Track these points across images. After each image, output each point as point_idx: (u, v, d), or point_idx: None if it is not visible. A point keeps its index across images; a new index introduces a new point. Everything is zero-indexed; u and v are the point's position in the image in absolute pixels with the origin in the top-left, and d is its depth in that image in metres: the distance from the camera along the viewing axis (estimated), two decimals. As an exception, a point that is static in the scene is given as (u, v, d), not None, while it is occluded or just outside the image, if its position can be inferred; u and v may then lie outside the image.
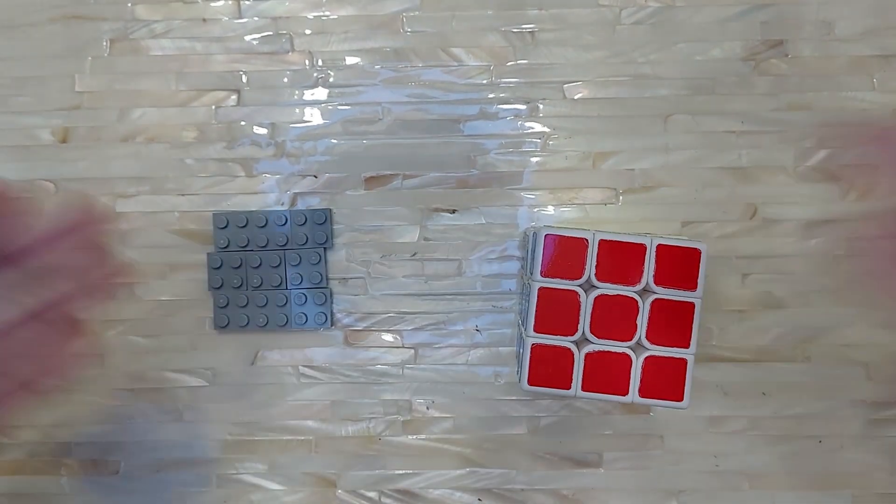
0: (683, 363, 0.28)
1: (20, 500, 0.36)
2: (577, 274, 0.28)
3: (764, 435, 0.36)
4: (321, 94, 0.37)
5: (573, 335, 0.28)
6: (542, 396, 0.36)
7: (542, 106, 0.37)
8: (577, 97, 0.37)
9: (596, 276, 0.28)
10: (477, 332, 0.36)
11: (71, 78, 0.37)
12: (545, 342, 0.28)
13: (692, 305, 0.29)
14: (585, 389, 0.28)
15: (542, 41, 0.37)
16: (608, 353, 0.28)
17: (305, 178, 0.36)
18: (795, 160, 0.36)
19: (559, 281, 0.28)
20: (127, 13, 0.37)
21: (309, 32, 0.37)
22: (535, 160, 0.36)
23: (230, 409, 0.35)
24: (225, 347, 0.36)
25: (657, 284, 0.30)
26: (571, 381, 0.28)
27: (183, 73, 0.37)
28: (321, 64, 0.37)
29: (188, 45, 0.37)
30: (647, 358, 0.28)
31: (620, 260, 0.29)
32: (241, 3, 0.37)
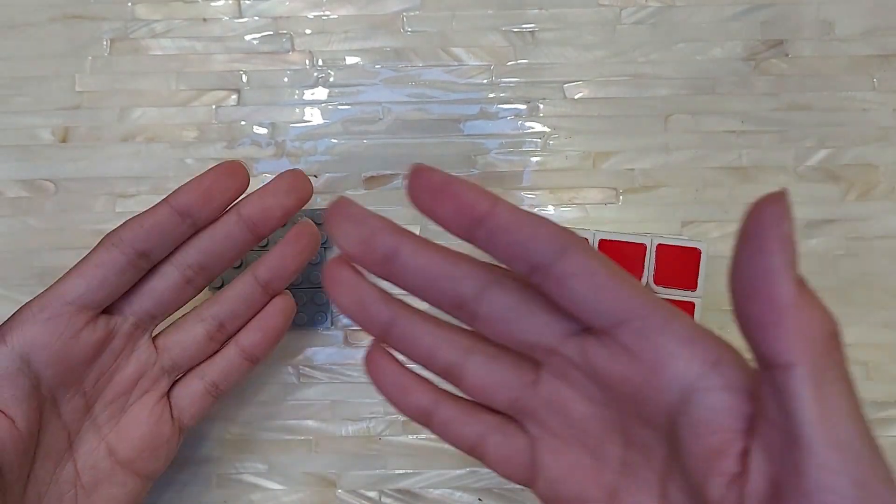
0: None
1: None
2: (577, 274, 0.28)
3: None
4: (321, 93, 0.37)
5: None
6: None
7: (542, 106, 0.37)
8: (577, 97, 0.37)
9: (596, 275, 0.28)
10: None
11: (71, 77, 0.37)
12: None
13: (692, 305, 0.29)
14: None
15: (542, 41, 0.37)
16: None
17: (305, 177, 0.36)
18: (795, 160, 0.36)
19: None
20: (127, 13, 0.37)
21: (309, 32, 0.37)
22: (535, 160, 0.36)
23: (230, 408, 0.35)
24: (225, 347, 0.36)
25: (657, 284, 0.30)
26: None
27: (183, 72, 0.37)
28: (321, 64, 0.37)
29: (188, 44, 0.37)
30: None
31: (620, 259, 0.29)
32: (241, 2, 0.37)
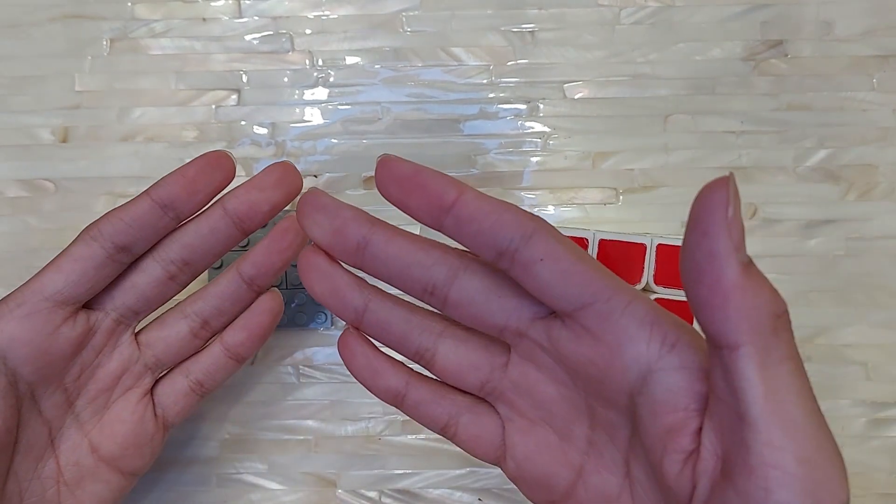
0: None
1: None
2: (577, 273, 0.28)
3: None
4: (321, 93, 0.37)
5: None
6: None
7: (541, 106, 0.37)
8: (577, 97, 0.37)
9: (596, 275, 0.28)
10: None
11: (71, 77, 0.37)
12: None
13: (692, 305, 0.29)
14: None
15: (541, 41, 0.37)
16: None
17: (306, 177, 0.36)
18: (795, 160, 0.36)
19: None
20: (126, 13, 0.37)
21: (309, 32, 0.37)
22: (534, 160, 0.36)
23: (230, 408, 0.35)
24: (225, 347, 0.36)
25: (657, 284, 0.30)
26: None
27: (183, 72, 0.37)
28: (321, 63, 0.37)
29: (188, 44, 0.37)
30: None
31: (620, 259, 0.29)
32: (241, 2, 0.37)
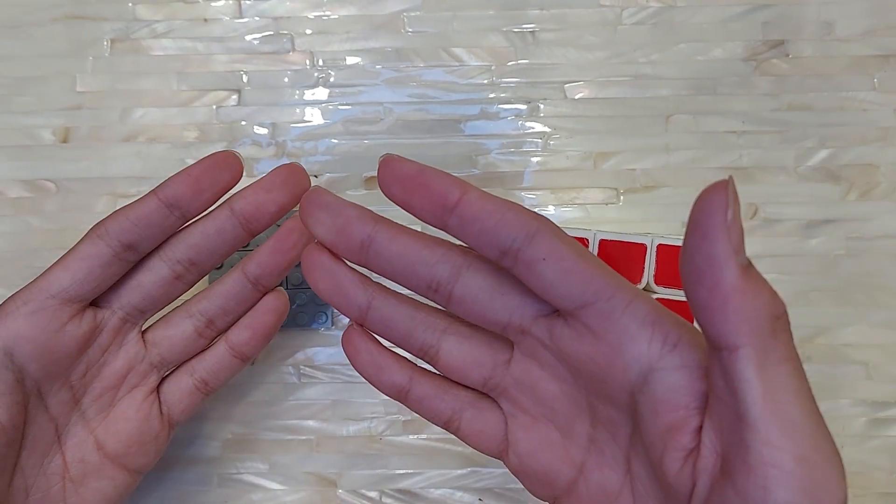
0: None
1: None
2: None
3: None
4: (322, 93, 0.37)
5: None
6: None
7: (543, 106, 0.37)
8: (578, 97, 0.37)
9: (597, 275, 0.28)
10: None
11: (72, 78, 0.37)
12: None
13: (693, 305, 0.29)
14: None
15: (543, 41, 0.37)
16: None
17: (306, 177, 0.36)
18: (796, 160, 0.36)
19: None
20: (128, 13, 0.37)
21: (310, 32, 0.37)
22: (535, 160, 0.36)
23: (231, 408, 0.35)
24: (226, 347, 0.36)
25: (658, 284, 0.31)
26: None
27: (184, 72, 0.37)
28: (322, 64, 0.37)
29: (189, 45, 0.37)
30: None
31: (621, 259, 0.30)
32: (241, 3, 0.37)
